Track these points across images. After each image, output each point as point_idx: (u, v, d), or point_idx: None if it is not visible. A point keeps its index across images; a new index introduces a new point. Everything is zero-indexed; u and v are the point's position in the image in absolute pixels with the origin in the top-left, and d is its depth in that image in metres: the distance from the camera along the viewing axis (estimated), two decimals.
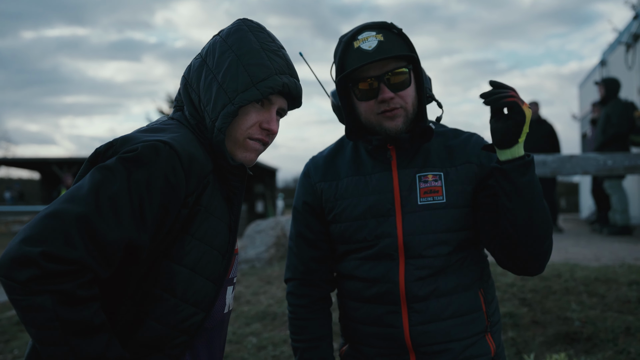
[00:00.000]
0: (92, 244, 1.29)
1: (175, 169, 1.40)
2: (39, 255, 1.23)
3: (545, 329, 4.04)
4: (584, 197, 14.04)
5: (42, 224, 1.27)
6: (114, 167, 1.35)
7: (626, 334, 3.84)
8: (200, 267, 1.50)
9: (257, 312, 4.96)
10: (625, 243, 7.63)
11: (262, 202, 33.55)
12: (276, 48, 1.60)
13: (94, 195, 1.31)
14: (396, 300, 1.82)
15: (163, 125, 1.56)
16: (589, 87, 13.24)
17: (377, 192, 1.86)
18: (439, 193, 1.82)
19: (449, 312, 1.81)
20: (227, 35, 1.59)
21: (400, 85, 1.78)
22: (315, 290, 1.99)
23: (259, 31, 1.60)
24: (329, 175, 1.96)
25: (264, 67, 1.54)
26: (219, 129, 1.52)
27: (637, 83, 9.75)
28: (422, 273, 1.81)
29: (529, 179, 1.68)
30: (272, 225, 8.07)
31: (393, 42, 1.77)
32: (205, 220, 1.50)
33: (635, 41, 9.74)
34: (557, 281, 4.89)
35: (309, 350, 1.95)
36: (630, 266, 5.42)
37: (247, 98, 1.52)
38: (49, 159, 28.24)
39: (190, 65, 1.63)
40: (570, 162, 4.38)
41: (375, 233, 1.84)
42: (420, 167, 1.85)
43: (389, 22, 1.81)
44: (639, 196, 9.53)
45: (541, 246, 1.73)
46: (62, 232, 1.26)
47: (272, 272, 6.60)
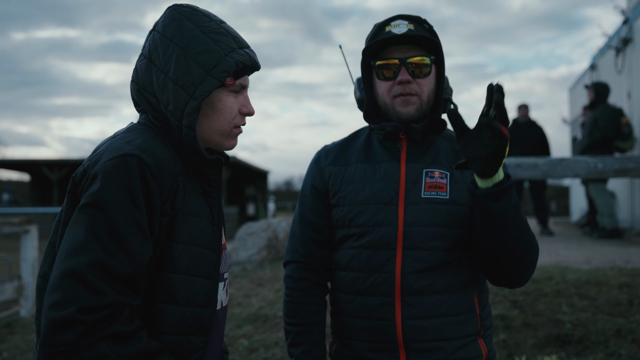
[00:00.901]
0: (117, 283, 1.31)
1: (147, 180, 1.39)
2: (76, 312, 1.26)
3: (536, 331, 4.05)
4: (574, 200, 14.11)
5: (62, 286, 1.28)
6: (95, 202, 1.35)
7: (617, 336, 3.86)
8: (194, 269, 1.50)
9: (248, 315, 4.94)
10: (615, 246, 7.68)
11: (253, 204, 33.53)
12: (216, 26, 1.54)
13: (93, 238, 1.32)
14: (391, 292, 1.82)
15: (129, 132, 1.52)
16: (579, 91, 13.31)
17: (383, 180, 1.88)
18: (443, 189, 1.85)
19: (442, 310, 1.82)
20: (164, 28, 1.53)
21: (420, 72, 1.85)
22: (313, 274, 1.99)
23: (194, 14, 1.54)
24: (339, 160, 1.99)
25: (212, 52, 1.50)
26: (187, 127, 1.49)
27: (626, 87, 9.81)
28: (419, 266, 1.81)
29: (504, 203, 1.65)
30: (264, 228, 8.06)
31: (422, 33, 1.84)
32: (184, 223, 1.49)
33: (625, 46, 9.80)
34: (549, 284, 4.91)
35: (302, 334, 1.95)
36: (621, 269, 5.44)
37: (206, 89, 1.48)
38: (39, 160, 28.11)
39: (136, 68, 1.57)
40: (560, 165, 4.40)
41: (375, 219, 1.85)
42: (429, 163, 1.89)
43: (423, 18, 1.90)
44: (630, 200, 9.58)
45: (521, 263, 1.75)
46: (86, 285, 1.28)
47: (263, 274, 6.59)
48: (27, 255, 7.24)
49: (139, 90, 1.56)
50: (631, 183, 9.39)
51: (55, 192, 27.63)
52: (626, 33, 9.63)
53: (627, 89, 9.73)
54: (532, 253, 1.77)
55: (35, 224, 7.43)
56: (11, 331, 5.76)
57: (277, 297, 5.48)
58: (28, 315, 6.79)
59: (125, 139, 1.47)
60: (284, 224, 8.40)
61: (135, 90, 1.57)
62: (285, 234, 8.24)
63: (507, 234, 1.69)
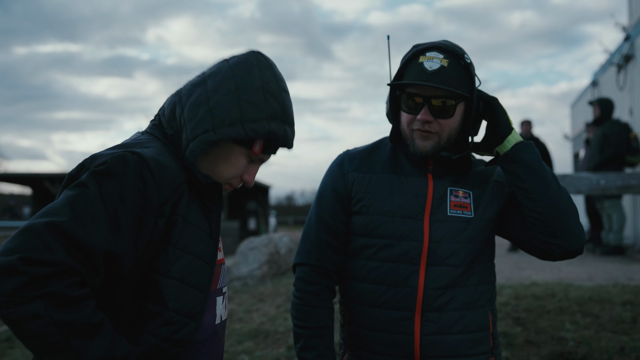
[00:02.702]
0: (71, 247, 1.27)
1: (144, 178, 1.39)
2: (18, 260, 1.21)
3: (539, 349, 4.02)
4: None
5: (17, 237, 1.26)
6: (85, 182, 1.35)
7: (620, 354, 3.83)
8: (187, 277, 1.49)
9: (249, 330, 4.92)
10: (618, 263, 7.65)
11: (254, 219, 33.49)
12: (277, 90, 1.56)
13: (68, 206, 1.31)
14: (411, 307, 1.82)
15: (134, 140, 1.54)
16: (580, 107, 13.33)
17: (410, 194, 1.89)
18: (468, 209, 1.89)
19: (459, 326, 1.83)
20: (235, 64, 1.56)
21: (443, 114, 1.81)
22: (325, 279, 1.96)
23: (267, 68, 1.57)
24: (363, 167, 1.97)
25: (257, 109, 1.52)
26: (191, 151, 1.50)
27: (628, 104, 9.83)
28: (441, 282, 1.83)
29: (535, 157, 1.83)
30: (265, 243, 8.05)
31: (454, 73, 1.80)
32: (184, 229, 1.49)
33: (627, 62, 9.83)
34: (551, 301, 4.88)
35: (315, 337, 1.92)
36: (624, 286, 5.42)
37: (229, 133, 1.50)
38: (41, 174, 28.14)
39: (190, 80, 1.61)
40: (563, 181, 4.38)
41: (401, 231, 1.85)
42: (454, 182, 1.92)
43: (462, 51, 1.84)
44: (633, 216, 9.57)
45: (571, 217, 1.81)
46: (39, 239, 1.25)
47: (264, 289, 6.56)
48: None
49: (175, 96, 1.59)
50: (634, 200, 9.38)
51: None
52: (628, 50, 9.67)
53: (629, 106, 9.75)
54: (576, 212, 1.83)
55: None
56: (11, 345, 5.72)
57: (279, 312, 5.46)
58: None
59: (130, 145, 1.49)
60: (286, 239, 8.39)
61: (175, 93, 1.61)
62: (287, 249, 8.22)
63: (548, 184, 1.80)
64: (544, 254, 1.86)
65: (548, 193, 1.79)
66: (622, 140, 8.38)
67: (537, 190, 1.79)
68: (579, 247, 1.83)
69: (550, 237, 1.80)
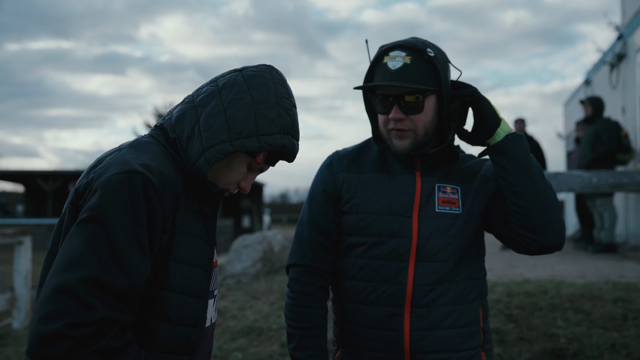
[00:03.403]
0: (109, 298, 1.31)
1: (151, 198, 1.40)
2: (64, 327, 1.25)
3: (531, 345, 4.05)
4: (569, 214, 14.14)
5: (53, 300, 1.28)
6: (96, 216, 1.34)
7: (611, 351, 3.85)
8: (187, 288, 1.51)
9: (242, 327, 4.92)
10: (609, 260, 7.69)
11: (248, 217, 33.47)
12: (289, 106, 1.61)
13: (90, 252, 1.32)
14: (401, 303, 1.85)
15: (135, 147, 1.53)
16: (574, 106, 13.38)
17: (399, 192, 1.92)
18: (456, 204, 1.91)
19: (449, 321, 1.85)
20: (250, 77, 1.58)
21: (412, 109, 1.85)
22: (319, 279, 1.98)
23: (280, 84, 1.61)
24: (352, 167, 2.00)
25: (272, 123, 1.55)
26: (207, 160, 1.52)
27: (620, 102, 9.87)
28: (430, 278, 1.85)
29: (523, 149, 1.83)
30: (259, 240, 8.05)
31: (417, 68, 1.83)
32: (181, 241, 1.50)
33: (619, 61, 9.87)
34: (543, 298, 4.91)
35: (308, 338, 1.94)
36: (615, 283, 5.45)
37: (245, 145, 1.52)
38: (34, 171, 28.03)
39: (202, 88, 1.62)
40: (555, 179, 4.40)
41: (390, 229, 1.88)
42: (441, 178, 1.94)
43: (425, 46, 1.86)
44: (624, 214, 9.61)
45: (551, 213, 1.81)
46: (77, 301, 1.28)
47: (258, 287, 6.57)
48: (21, 266, 7.20)
49: (189, 103, 1.59)
50: (625, 198, 9.42)
51: (50, 204, 27.55)
52: (620, 49, 9.71)
53: (622, 104, 9.79)
54: (558, 208, 1.83)
55: (28, 235, 7.39)
56: (3, 343, 5.72)
57: (272, 310, 5.46)
58: (21, 327, 6.74)
59: (131, 154, 1.47)
60: (279, 237, 8.39)
61: (185, 101, 1.61)
62: (281, 247, 8.23)
63: (533, 178, 1.80)
64: (521, 247, 1.87)
65: (531, 187, 1.79)
66: (614, 139, 8.43)
67: (520, 183, 1.80)
68: (556, 244, 1.83)
69: (529, 232, 1.81)
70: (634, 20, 9.31)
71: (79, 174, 26.78)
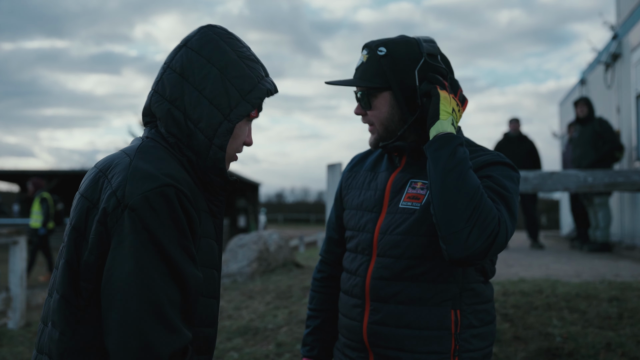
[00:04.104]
0: (180, 316, 1.35)
1: (187, 209, 1.40)
2: (169, 358, 1.31)
3: (527, 345, 4.05)
4: (564, 214, 14.18)
5: (143, 325, 1.30)
6: (146, 237, 1.34)
7: (607, 350, 3.86)
8: (205, 290, 1.51)
9: (238, 327, 4.92)
10: (605, 260, 7.71)
11: (244, 216, 33.44)
12: (248, 53, 1.59)
13: (155, 272, 1.33)
14: (362, 295, 1.90)
15: (144, 152, 1.49)
16: (569, 106, 13.40)
17: (375, 188, 1.97)
18: (420, 200, 1.85)
19: (404, 321, 1.82)
20: (200, 46, 1.54)
21: (367, 106, 1.92)
22: (331, 268, 2.17)
23: (229, 37, 1.58)
24: (355, 167, 2.12)
25: (248, 78, 1.54)
26: (218, 146, 1.51)
27: (615, 102, 9.90)
28: (386, 273, 1.85)
29: (444, 153, 1.71)
30: (255, 240, 8.05)
31: (370, 67, 1.89)
32: (201, 245, 1.50)
33: (614, 61, 9.89)
34: (539, 297, 4.92)
35: (310, 318, 2.17)
36: (611, 282, 5.46)
37: (241, 113, 1.52)
38: (29, 171, 27.92)
39: (162, 81, 1.55)
40: (551, 178, 4.41)
41: (360, 223, 1.96)
42: (415, 174, 1.91)
43: (380, 43, 1.89)
44: (619, 213, 9.64)
45: (459, 223, 1.64)
46: (167, 325, 1.32)
47: (254, 286, 6.56)
48: (16, 266, 7.19)
49: (163, 103, 1.53)
50: (621, 197, 9.45)
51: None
52: (615, 48, 9.73)
53: (617, 104, 9.82)
54: (467, 214, 1.64)
55: (24, 235, 7.38)
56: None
57: (268, 309, 5.46)
58: (16, 327, 6.73)
59: (144, 160, 1.44)
60: (275, 237, 8.39)
61: (158, 102, 1.54)
62: (277, 247, 8.22)
63: (444, 184, 1.67)
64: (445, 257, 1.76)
65: (440, 193, 1.68)
66: (616, 136, 8.51)
67: (433, 188, 1.70)
68: (463, 256, 1.64)
69: (442, 241, 1.68)
70: (629, 19, 9.33)
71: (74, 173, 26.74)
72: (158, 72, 1.59)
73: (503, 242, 1.68)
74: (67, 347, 1.40)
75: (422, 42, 1.89)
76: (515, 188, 1.80)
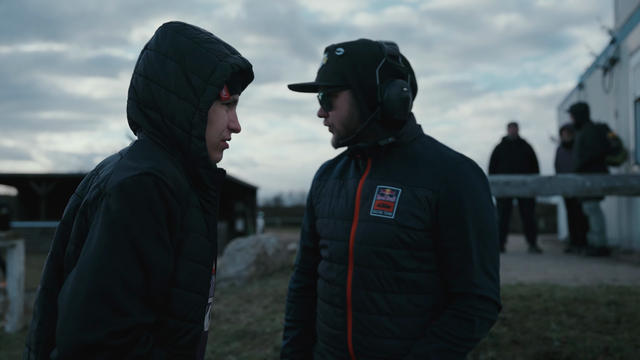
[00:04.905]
0: (137, 301, 1.32)
1: (166, 197, 1.39)
2: (106, 337, 1.27)
3: (525, 349, 4.05)
4: (562, 218, 14.18)
5: (88, 308, 1.28)
6: (115, 219, 1.34)
7: (605, 354, 3.86)
8: (191, 284, 1.51)
9: (236, 331, 4.91)
10: (603, 264, 7.71)
11: (242, 220, 33.45)
12: (207, 37, 1.58)
13: (114, 256, 1.32)
14: (344, 305, 1.89)
15: (135, 150, 1.52)
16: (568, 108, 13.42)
17: (345, 196, 1.96)
18: (390, 209, 1.83)
19: (387, 331, 1.83)
20: (157, 45, 1.55)
21: (328, 105, 1.95)
22: (306, 277, 2.16)
23: (184, 28, 1.58)
24: (324, 175, 2.11)
25: (207, 60, 1.53)
26: (197, 137, 1.52)
27: (614, 106, 9.91)
28: (366, 284, 1.85)
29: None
30: (253, 244, 8.04)
31: (330, 67, 1.92)
32: (188, 239, 1.50)
33: (612, 65, 9.91)
34: (537, 301, 4.92)
35: (288, 329, 2.16)
36: (609, 287, 5.46)
37: (209, 98, 1.51)
38: (27, 174, 27.92)
39: (132, 86, 1.58)
40: (549, 182, 4.43)
41: (333, 233, 1.96)
42: (383, 179, 1.89)
43: (338, 45, 1.93)
44: (617, 218, 9.64)
45: None
46: (111, 307, 1.29)
47: (252, 290, 6.56)
48: (14, 270, 7.17)
49: (139, 108, 1.55)
50: (619, 201, 9.46)
51: (43, 207, 27.44)
52: (613, 53, 9.75)
53: (615, 108, 9.83)
54: None
55: (22, 238, 7.37)
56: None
57: (266, 313, 5.45)
58: (13, 331, 6.71)
59: (135, 158, 1.46)
60: (273, 240, 8.38)
61: (134, 108, 1.57)
62: (274, 250, 8.22)
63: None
64: None
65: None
66: (599, 143, 8.46)
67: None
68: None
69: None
70: (627, 24, 9.36)
71: (72, 177, 26.74)
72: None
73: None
74: (43, 337, 1.44)
75: (383, 44, 1.92)
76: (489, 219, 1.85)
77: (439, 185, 1.81)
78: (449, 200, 1.80)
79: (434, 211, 1.81)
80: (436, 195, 1.81)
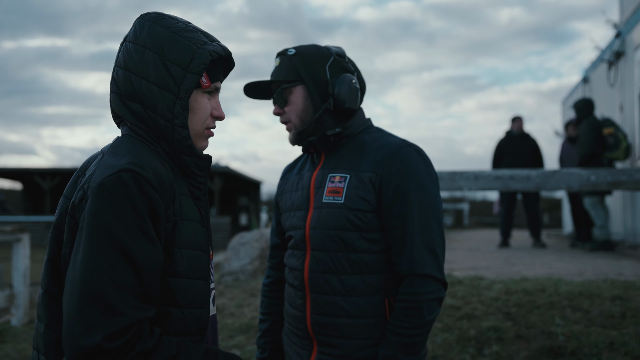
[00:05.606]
0: (132, 299, 1.33)
1: (146, 191, 1.40)
2: (103, 340, 1.28)
3: (529, 344, 4.05)
4: (567, 212, 14.16)
5: (84, 313, 1.30)
6: (97, 221, 1.35)
7: (610, 349, 3.86)
8: (192, 271, 1.53)
9: (240, 325, 4.92)
10: (608, 258, 7.70)
11: (246, 214, 33.48)
12: (184, 25, 1.58)
13: (100, 258, 1.33)
14: (303, 288, 2.02)
15: (115, 147, 1.53)
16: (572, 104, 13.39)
17: (301, 188, 2.10)
18: (340, 194, 1.96)
19: (344, 310, 1.94)
20: (135, 36, 1.56)
21: (282, 102, 2.07)
22: (276, 272, 2.30)
23: (161, 18, 1.58)
24: (287, 173, 2.26)
25: (185, 49, 1.53)
26: (180, 126, 1.53)
27: (619, 100, 9.88)
28: (321, 267, 1.97)
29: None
30: (257, 238, 8.05)
31: (283, 67, 2.05)
32: (181, 228, 1.51)
33: (617, 59, 9.88)
34: (541, 295, 4.91)
35: (262, 322, 2.30)
36: (614, 281, 5.46)
37: (189, 87, 1.52)
38: (32, 169, 28.00)
39: (113, 79, 1.59)
40: (553, 177, 4.41)
41: (293, 223, 2.08)
42: (332, 168, 2.03)
43: (290, 48, 2.07)
44: (622, 212, 9.62)
45: None
46: (105, 308, 1.30)
47: (256, 284, 6.57)
48: (19, 264, 7.20)
49: (121, 100, 1.56)
50: (624, 196, 9.43)
51: (48, 201, 27.53)
52: (619, 46, 9.71)
53: (620, 102, 9.80)
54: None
55: (27, 232, 7.39)
56: (2, 340, 5.71)
57: None
58: (19, 324, 6.74)
59: (115, 154, 1.48)
60: None
61: (116, 101, 1.58)
62: None
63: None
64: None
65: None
66: (592, 141, 8.44)
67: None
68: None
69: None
70: (632, 17, 9.31)
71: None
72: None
73: None
74: (52, 340, 1.46)
75: (331, 47, 2.08)
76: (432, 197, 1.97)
77: (381, 167, 1.94)
78: (391, 180, 1.92)
79: (378, 191, 1.93)
80: (379, 177, 1.93)
